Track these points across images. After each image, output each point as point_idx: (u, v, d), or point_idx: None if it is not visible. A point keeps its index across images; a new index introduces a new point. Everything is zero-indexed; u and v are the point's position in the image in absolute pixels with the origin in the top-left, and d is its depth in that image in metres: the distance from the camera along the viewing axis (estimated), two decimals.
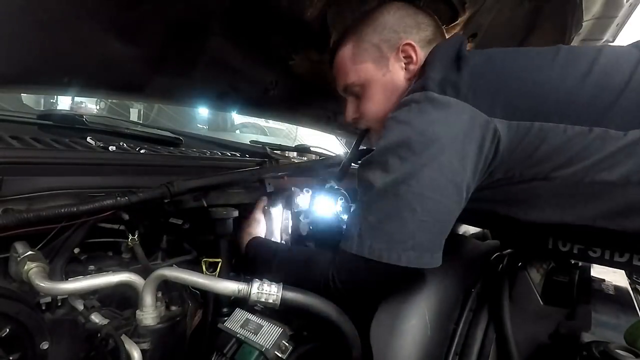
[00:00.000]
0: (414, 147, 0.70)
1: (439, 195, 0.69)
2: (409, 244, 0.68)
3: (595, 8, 1.30)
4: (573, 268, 1.01)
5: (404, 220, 0.69)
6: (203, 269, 0.93)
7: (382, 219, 0.70)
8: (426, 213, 0.69)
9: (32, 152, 0.83)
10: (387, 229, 0.70)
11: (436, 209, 0.69)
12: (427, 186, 0.69)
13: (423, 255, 0.70)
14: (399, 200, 0.69)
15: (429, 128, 0.70)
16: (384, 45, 0.89)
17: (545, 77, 0.73)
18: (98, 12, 0.92)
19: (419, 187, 0.69)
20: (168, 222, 1.00)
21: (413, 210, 0.68)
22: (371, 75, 0.91)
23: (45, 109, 1.95)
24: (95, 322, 0.72)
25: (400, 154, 0.70)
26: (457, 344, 0.79)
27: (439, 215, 0.70)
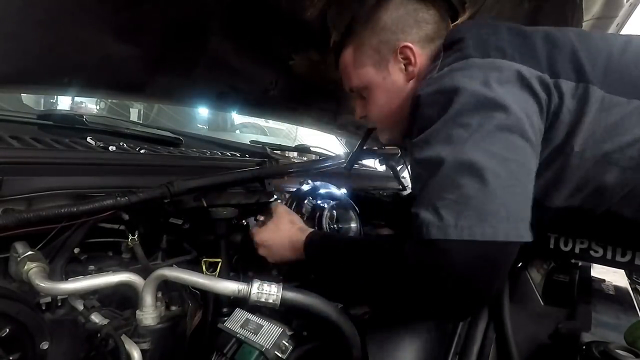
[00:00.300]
0: (476, 111, 0.64)
1: (520, 156, 0.63)
2: (502, 214, 0.58)
3: (595, 8, 1.30)
4: (573, 268, 1.01)
5: (490, 188, 0.59)
6: (203, 269, 0.93)
7: (465, 193, 0.60)
8: (512, 177, 0.61)
9: (32, 152, 0.83)
10: (474, 201, 0.59)
11: (519, 170, 0.63)
12: (505, 147, 0.62)
13: (519, 226, 0.60)
14: (478, 168, 0.60)
15: (486, 90, 0.65)
16: (383, 47, 0.87)
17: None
18: (98, 12, 0.92)
19: (497, 149, 0.62)
20: (168, 222, 1.00)
21: (497, 175, 0.60)
22: (372, 79, 0.90)
23: (45, 109, 1.95)
24: (95, 322, 0.72)
25: (463, 122, 0.64)
26: (457, 344, 0.79)
27: (524, 177, 0.63)
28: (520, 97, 0.66)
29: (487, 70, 0.68)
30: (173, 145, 1.28)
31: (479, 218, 0.58)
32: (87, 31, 0.95)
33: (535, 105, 0.67)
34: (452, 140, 0.63)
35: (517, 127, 0.64)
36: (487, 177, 0.60)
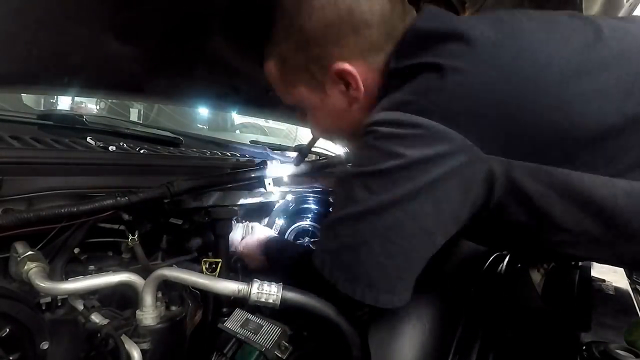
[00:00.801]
0: (382, 181, 0.59)
1: (403, 240, 0.60)
2: (364, 281, 0.62)
3: (595, 8, 1.30)
4: (573, 268, 1.01)
5: (360, 256, 0.61)
6: (203, 269, 0.93)
7: (340, 247, 0.63)
8: (386, 256, 0.60)
9: (32, 152, 0.83)
10: (344, 259, 0.63)
11: (398, 253, 0.61)
12: (391, 229, 0.59)
13: (380, 295, 0.62)
14: (357, 234, 0.61)
15: (404, 162, 0.56)
16: (313, 67, 0.69)
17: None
18: (98, 12, 0.92)
19: (381, 227, 0.59)
20: (168, 222, 1.00)
21: (370, 249, 0.60)
22: (308, 101, 0.75)
23: (45, 109, 1.95)
24: (95, 322, 0.72)
25: (368, 184, 0.60)
26: (457, 344, 0.79)
27: (402, 261, 0.62)
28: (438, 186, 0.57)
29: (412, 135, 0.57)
30: (173, 145, 1.29)
31: (346, 275, 0.63)
32: (87, 31, 0.95)
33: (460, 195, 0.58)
34: (352, 195, 0.61)
35: (417, 213, 0.58)
36: (360, 247, 0.61)
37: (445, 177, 0.56)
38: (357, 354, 0.71)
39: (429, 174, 0.56)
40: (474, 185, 0.57)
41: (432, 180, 0.56)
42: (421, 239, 0.60)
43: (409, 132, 0.57)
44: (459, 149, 0.55)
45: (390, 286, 0.63)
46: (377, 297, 0.62)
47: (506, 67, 0.58)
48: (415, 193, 0.57)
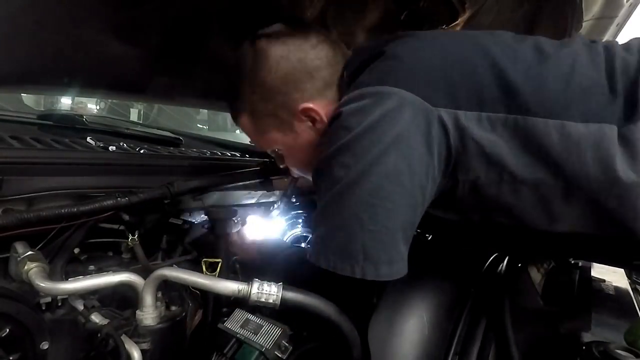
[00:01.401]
0: (354, 151, 0.64)
1: (386, 202, 0.63)
2: (360, 255, 0.64)
3: (595, 8, 1.30)
4: (573, 268, 1.01)
5: (352, 231, 0.64)
6: (203, 269, 0.93)
7: (331, 229, 0.66)
8: (375, 222, 0.63)
9: (32, 152, 0.83)
10: (337, 240, 0.65)
11: (386, 217, 0.63)
12: (372, 192, 0.63)
13: (379, 266, 0.64)
14: (344, 209, 0.64)
15: (366, 126, 0.63)
16: (281, 112, 0.79)
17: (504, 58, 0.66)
18: (98, 12, 0.92)
19: (363, 194, 0.63)
20: (168, 222, 1.00)
21: (360, 219, 0.63)
22: (282, 142, 0.84)
23: (45, 109, 1.95)
24: (95, 322, 0.72)
25: (341, 160, 0.65)
26: (457, 344, 0.79)
27: (391, 223, 0.64)
28: (403, 137, 0.63)
29: (373, 100, 0.64)
30: (173, 145, 1.29)
31: (342, 256, 0.65)
32: (87, 31, 0.95)
33: (423, 145, 0.63)
34: (331, 176, 0.66)
35: (390, 172, 0.62)
36: (350, 220, 0.64)
37: (404, 131, 0.62)
38: (357, 354, 0.71)
39: (388, 132, 0.62)
40: (432, 136, 0.63)
41: (394, 137, 0.62)
42: (402, 196, 0.64)
43: (364, 102, 0.65)
44: (407, 102, 0.63)
45: (387, 255, 0.64)
46: (377, 270, 0.64)
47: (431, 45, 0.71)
48: (383, 153, 0.62)
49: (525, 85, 0.64)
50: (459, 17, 1.24)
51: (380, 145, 0.62)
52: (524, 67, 0.65)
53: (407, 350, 0.72)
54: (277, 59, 0.76)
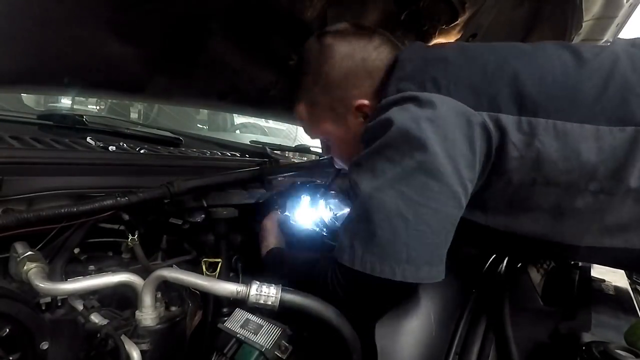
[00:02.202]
0: (402, 149, 0.64)
1: (433, 202, 0.63)
2: (402, 256, 0.62)
3: (595, 8, 1.30)
4: (573, 268, 1.01)
5: (396, 230, 0.63)
6: (203, 270, 0.93)
7: (373, 228, 0.64)
8: (420, 222, 0.62)
9: (32, 152, 0.83)
10: (379, 239, 0.63)
11: (431, 217, 0.63)
12: (419, 191, 0.63)
13: (420, 268, 0.63)
14: (389, 207, 0.63)
15: (414, 127, 0.64)
16: (337, 105, 0.83)
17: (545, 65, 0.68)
18: (98, 12, 0.92)
19: (410, 192, 0.63)
20: (168, 222, 1.00)
21: (405, 219, 0.62)
22: (333, 133, 0.87)
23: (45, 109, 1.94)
24: (95, 322, 0.72)
25: (388, 156, 0.65)
26: (457, 344, 0.79)
27: (436, 224, 0.63)
28: (448, 138, 0.64)
29: (421, 105, 0.66)
30: (173, 145, 1.29)
31: (382, 257, 0.63)
32: (87, 31, 0.95)
33: (467, 146, 0.64)
34: (374, 172, 0.66)
35: (436, 171, 0.63)
36: (394, 219, 0.63)
37: (448, 132, 0.64)
38: (357, 357, 0.71)
39: (435, 132, 0.63)
40: (475, 137, 0.64)
41: (441, 137, 0.63)
42: (447, 196, 0.64)
43: (408, 105, 0.67)
44: (450, 107, 0.65)
45: (429, 256, 0.64)
46: (418, 272, 0.63)
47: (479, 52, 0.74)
48: (431, 151, 0.62)
49: (561, 91, 0.65)
50: (459, 17, 1.24)
51: (428, 143, 0.63)
52: (562, 72, 0.67)
53: (413, 350, 0.72)
54: (342, 56, 0.80)
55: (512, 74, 0.67)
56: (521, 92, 0.66)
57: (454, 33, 1.32)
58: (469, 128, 0.64)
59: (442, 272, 0.66)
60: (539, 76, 0.67)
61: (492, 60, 0.71)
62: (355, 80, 0.80)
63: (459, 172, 0.64)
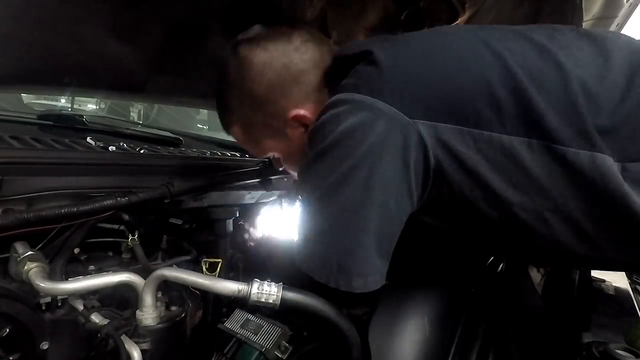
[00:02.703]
0: (327, 161, 0.63)
1: (358, 214, 0.61)
2: (333, 267, 0.63)
3: (595, 8, 1.31)
4: (573, 268, 1.01)
5: (323, 241, 0.64)
6: (203, 269, 0.93)
7: (307, 235, 0.66)
8: (347, 235, 0.62)
9: (32, 152, 0.83)
10: (312, 247, 0.65)
11: (359, 230, 0.62)
12: (344, 205, 0.62)
13: (352, 279, 0.62)
14: (320, 220, 0.64)
15: (339, 137, 0.62)
16: (272, 121, 0.78)
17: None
18: (98, 12, 0.92)
19: (336, 207, 0.62)
20: (168, 222, 1.00)
21: (334, 232, 0.63)
22: (276, 149, 0.84)
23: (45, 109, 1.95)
24: (95, 322, 0.72)
25: (316, 170, 0.65)
26: (457, 344, 0.79)
27: (363, 236, 0.62)
28: (381, 146, 0.60)
29: (351, 109, 0.62)
30: (173, 145, 1.29)
31: (318, 264, 0.64)
32: (87, 31, 0.95)
33: (400, 159, 0.61)
34: (307, 182, 0.67)
35: (362, 184, 0.61)
36: (322, 228, 0.64)
37: (376, 143, 0.60)
38: (357, 355, 0.71)
39: (361, 144, 0.60)
40: (409, 149, 0.60)
41: (367, 149, 0.60)
42: (376, 209, 0.61)
43: (339, 109, 0.63)
44: (382, 114, 0.60)
45: (361, 268, 0.63)
46: (349, 282, 0.63)
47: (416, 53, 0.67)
48: (355, 166, 0.60)
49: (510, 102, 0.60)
50: (459, 17, 1.24)
51: (353, 158, 0.61)
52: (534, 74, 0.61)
53: (407, 351, 0.72)
54: (261, 67, 0.74)
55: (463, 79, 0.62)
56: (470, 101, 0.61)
57: None
58: (401, 138, 0.60)
59: (379, 281, 0.64)
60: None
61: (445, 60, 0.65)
62: (282, 90, 0.75)
63: (387, 185, 0.61)
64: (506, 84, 0.60)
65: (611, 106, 0.59)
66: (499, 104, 0.59)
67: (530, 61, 0.61)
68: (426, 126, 0.60)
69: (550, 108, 0.58)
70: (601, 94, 0.59)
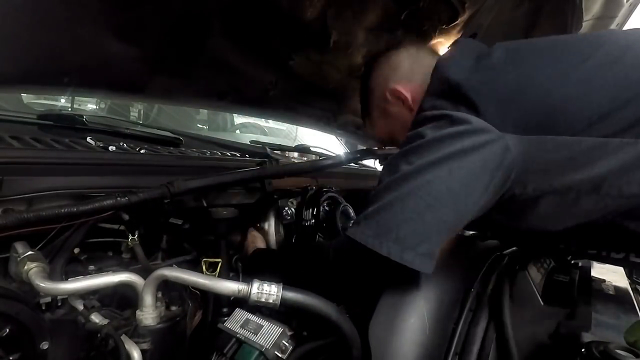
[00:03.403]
0: (421, 152, 0.73)
1: (432, 198, 0.70)
2: (392, 235, 0.70)
3: (595, 8, 1.31)
4: (573, 268, 1.01)
5: (393, 213, 0.72)
6: (203, 269, 0.93)
7: (377, 209, 0.74)
8: (416, 212, 0.71)
9: (32, 152, 0.83)
10: (378, 217, 0.73)
11: (427, 211, 0.71)
12: (422, 187, 0.71)
13: (405, 251, 0.70)
14: (394, 194, 0.73)
15: (436, 138, 0.73)
16: (379, 102, 1.00)
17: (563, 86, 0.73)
18: (98, 12, 0.92)
19: (415, 187, 0.71)
20: (168, 222, 1.00)
21: (404, 205, 0.71)
22: (387, 128, 1.04)
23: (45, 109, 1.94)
24: (95, 322, 0.72)
25: (409, 159, 0.74)
26: (457, 343, 0.79)
27: (429, 218, 0.71)
28: (471, 153, 0.71)
29: (448, 122, 0.74)
30: (173, 145, 1.28)
31: (376, 231, 0.72)
32: (87, 31, 0.95)
33: (484, 166, 0.71)
34: (395, 169, 0.75)
35: (446, 177, 0.71)
36: (395, 202, 0.72)
37: (467, 149, 0.71)
38: (357, 354, 0.71)
39: (453, 146, 0.71)
40: (493, 158, 0.71)
41: (456, 150, 0.71)
42: (448, 198, 0.71)
43: (440, 122, 0.75)
44: (479, 128, 0.72)
45: (416, 243, 0.70)
46: (402, 253, 0.69)
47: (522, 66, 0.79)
48: (443, 159, 0.71)
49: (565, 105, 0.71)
50: (459, 17, 1.24)
51: (443, 154, 0.71)
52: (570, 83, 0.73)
53: (407, 350, 0.72)
54: (375, 67, 1.02)
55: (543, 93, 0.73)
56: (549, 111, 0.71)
57: (454, 33, 1.32)
58: (489, 148, 0.71)
59: (426, 265, 0.71)
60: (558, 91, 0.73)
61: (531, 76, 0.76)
62: (383, 79, 0.98)
63: (466, 183, 0.71)
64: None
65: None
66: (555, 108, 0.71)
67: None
68: (512, 138, 0.71)
69: None
70: None
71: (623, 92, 0.70)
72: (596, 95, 0.71)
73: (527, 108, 0.73)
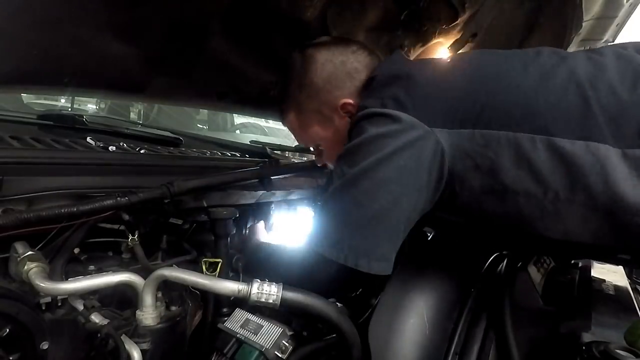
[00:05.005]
0: (357, 154, 0.73)
1: (374, 204, 0.70)
2: (344, 244, 0.71)
3: (595, 8, 1.30)
4: (573, 268, 1.01)
5: (342, 222, 0.73)
6: (203, 269, 0.93)
7: (328, 219, 0.76)
8: (362, 219, 0.71)
9: (32, 152, 0.83)
10: (329, 228, 0.75)
11: (372, 217, 0.71)
12: (363, 194, 0.71)
13: (360, 258, 0.70)
14: (339, 203, 0.74)
15: (372, 136, 0.73)
16: (323, 108, 0.92)
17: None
18: (98, 12, 0.92)
19: (356, 193, 0.72)
20: (168, 222, 1.00)
21: (349, 214, 0.72)
22: (321, 136, 0.96)
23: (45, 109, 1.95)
24: (95, 322, 0.72)
25: (346, 161, 0.75)
26: (457, 343, 0.79)
27: (375, 223, 0.71)
28: (402, 151, 0.70)
29: (380, 121, 0.73)
30: (173, 145, 1.28)
31: (330, 242, 0.73)
32: (87, 31, 0.95)
33: (417, 159, 0.70)
34: (336, 174, 0.76)
35: (382, 180, 0.71)
36: (342, 215, 0.73)
37: (401, 148, 0.71)
38: (357, 354, 0.71)
39: (388, 146, 0.71)
40: (426, 154, 0.71)
41: (391, 151, 0.71)
42: (389, 201, 0.71)
43: (374, 118, 0.75)
44: (410, 126, 0.72)
45: (368, 249, 0.71)
46: (357, 260, 0.70)
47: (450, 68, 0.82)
48: (378, 162, 0.71)
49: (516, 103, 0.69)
50: (459, 17, 1.24)
51: (379, 155, 0.71)
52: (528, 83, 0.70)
53: (407, 350, 0.72)
54: (323, 62, 0.90)
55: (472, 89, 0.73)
56: (479, 106, 0.70)
57: (454, 33, 1.32)
58: (421, 144, 0.70)
59: (384, 268, 0.71)
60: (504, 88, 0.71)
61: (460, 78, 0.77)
62: (336, 82, 0.89)
63: (405, 183, 0.71)
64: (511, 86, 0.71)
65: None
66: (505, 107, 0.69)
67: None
68: (442, 132, 0.71)
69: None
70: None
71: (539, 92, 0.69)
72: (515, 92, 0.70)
73: (452, 103, 0.73)
